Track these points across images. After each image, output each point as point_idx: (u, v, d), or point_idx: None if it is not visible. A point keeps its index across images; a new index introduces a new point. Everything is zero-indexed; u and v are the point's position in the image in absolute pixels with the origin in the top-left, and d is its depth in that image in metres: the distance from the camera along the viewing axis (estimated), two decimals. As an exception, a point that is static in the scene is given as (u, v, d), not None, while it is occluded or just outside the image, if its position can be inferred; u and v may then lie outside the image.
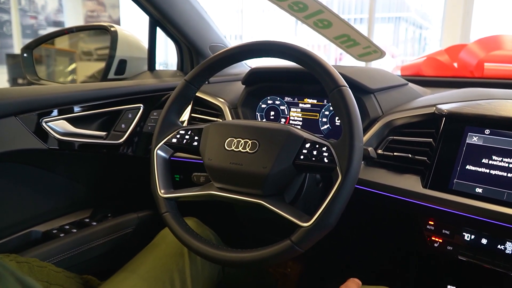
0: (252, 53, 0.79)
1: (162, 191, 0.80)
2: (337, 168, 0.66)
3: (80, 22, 6.00)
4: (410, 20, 10.38)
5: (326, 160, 0.68)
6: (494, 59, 1.37)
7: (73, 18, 6.02)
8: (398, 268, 0.96)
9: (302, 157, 0.70)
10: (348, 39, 1.25)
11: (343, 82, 0.70)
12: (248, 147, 0.74)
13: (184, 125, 1.13)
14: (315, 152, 0.69)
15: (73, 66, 1.57)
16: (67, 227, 1.01)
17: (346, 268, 0.95)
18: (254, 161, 0.72)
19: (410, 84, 1.07)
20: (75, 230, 0.99)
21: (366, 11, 5.30)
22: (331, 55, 7.92)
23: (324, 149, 0.69)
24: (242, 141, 0.75)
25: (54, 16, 5.95)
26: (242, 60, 0.83)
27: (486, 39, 1.47)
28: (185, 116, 1.15)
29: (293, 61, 0.75)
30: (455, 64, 1.52)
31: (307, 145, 0.71)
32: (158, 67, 1.32)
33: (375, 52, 1.30)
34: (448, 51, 1.60)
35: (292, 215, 0.68)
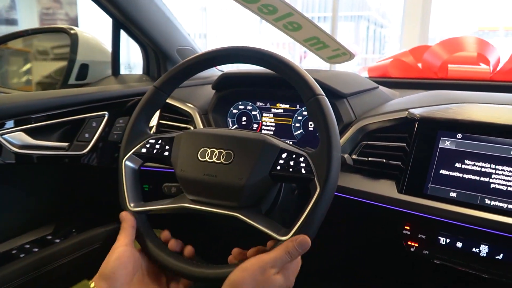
0: (226, 59, 0.76)
1: (132, 204, 0.76)
2: (315, 179, 0.65)
3: (34, 19, 5.72)
4: (370, 19, 10.64)
5: (303, 171, 0.66)
6: (457, 60, 1.40)
7: (27, 16, 5.73)
8: (376, 273, 0.96)
9: (279, 167, 0.68)
10: (318, 41, 1.24)
11: (320, 90, 0.68)
12: (222, 158, 0.71)
13: (153, 130, 1.09)
14: (292, 163, 0.68)
15: (28, 66, 1.49)
16: (28, 246, 0.94)
17: (324, 276, 0.94)
18: (229, 172, 0.70)
19: (380, 87, 1.07)
20: (36, 249, 0.92)
21: (329, 9, 5.36)
22: (296, 53, 7.98)
23: (301, 159, 0.68)
24: (216, 151, 0.72)
25: (6, 14, 5.62)
26: (216, 66, 0.81)
27: (449, 41, 1.50)
28: (152, 122, 1.11)
29: (269, 68, 0.74)
30: (420, 65, 1.55)
31: (284, 155, 0.69)
32: (122, 71, 1.27)
33: (344, 55, 1.30)
34: (412, 52, 1.62)
35: (269, 228, 0.66)
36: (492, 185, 0.70)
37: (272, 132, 1.03)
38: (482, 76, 1.28)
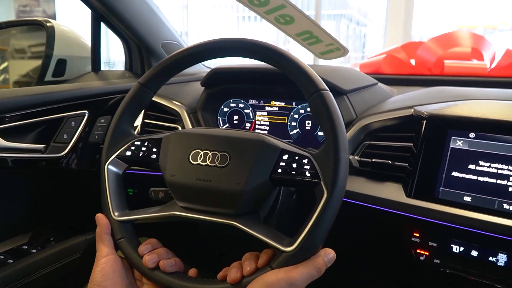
0: (218, 52, 0.69)
1: (116, 214, 0.69)
2: (322, 183, 0.59)
3: (11, 17, 5.57)
4: (351, 17, 10.73)
5: (308, 174, 0.60)
6: (453, 56, 1.37)
7: (3, 14, 5.61)
8: (382, 283, 0.91)
9: (280, 170, 0.62)
10: (311, 36, 1.18)
11: (323, 85, 0.62)
12: (217, 161, 0.64)
13: (137, 130, 1.02)
14: (294, 165, 0.61)
15: (4, 64, 1.42)
16: (2, 257, 0.85)
17: (327, 285, 0.88)
18: (224, 177, 0.63)
19: (379, 83, 1.02)
20: (11, 261, 0.84)
21: (312, 8, 5.34)
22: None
23: (305, 161, 0.61)
24: (210, 153, 0.65)
25: (-18, 11, 5.50)
26: (206, 60, 0.74)
27: (443, 36, 1.46)
28: (136, 122, 1.03)
29: (264, 61, 0.67)
30: (412, 61, 1.51)
31: (285, 157, 0.63)
32: (103, 67, 1.18)
33: (338, 50, 1.24)
34: (404, 48, 1.59)
35: (271, 238, 0.59)
36: (510, 189, 0.65)
37: (266, 132, 0.97)
38: (479, 72, 1.24)
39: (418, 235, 0.72)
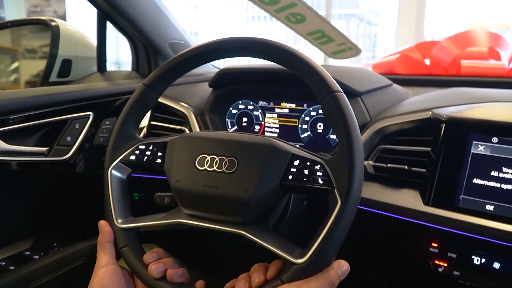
0: (226, 52, 0.66)
1: (119, 221, 0.66)
2: (335, 190, 0.55)
3: (22, 17, 5.62)
4: (362, 17, 10.66)
5: (320, 181, 0.57)
6: (470, 55, 1.32)
7: (14, 14, 5.63)
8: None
9: (290, 177, 0.59)
10: (323, 35, 1.15)
11: (337, 87, 0.59)
12: (224, 166, 0.61)
13: (143, 133, 0.99)
14: (306, 171, 0.58)
15: (15, 65, 1.40)
16: (3, 263, 0.83)
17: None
18: (232, 183, 0.60)
19: (394, 84, 0.98)
20: (13, 267, 0.81)
21: (323, 7, 5.29)
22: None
23: (317, 167, 0.58)
24: (217, 158, 0.62)
25: (-6, 12, 5.55)
26: (214, 60, 0.71)
27: (458, 35, 1.42)
28: (143, 123, 1.00)
29: (274, 61, 0.64)
30: (427, 61, 1.46)
31: (296, 162, 0.59)
32: (109, 67, 1.16)
33: (350, 49, 1.20)
34: (418, 47, 1.54)
35: (281, 249, 0.56)
36: (537, 197, 0.61)
37: (276, 135, 0.93)
38: (498, 72, 1.19)
39: (436, 245, 0.68)
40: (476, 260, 0.65)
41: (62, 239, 0.93)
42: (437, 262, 0.69)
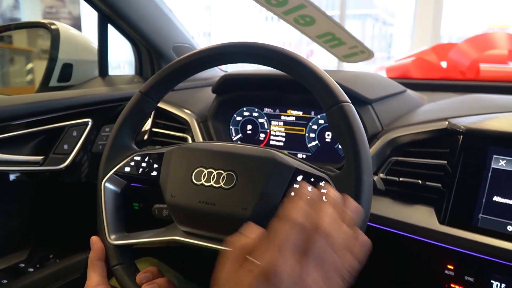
0: (228, 58, 0.62)
1: (112, 237, 0.62)
2: None
3: (38, 18, 5.69)
4: (377, 17, 10.55)
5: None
6: (489, 59, 1.26)
7: (30, 15, 5.72)
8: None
9: (293, 194, 0.54)
10: (333, 38, 1.10)
11: (344, 97, 0.54)
12: (222, 181, 0.57)
13: (145, 138, 0.95)
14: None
15: (30, 65, 1.40)
16: (-3, 276, 0.81)
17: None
18: (230, 200, 0.56)
19: (408, 90, 0.92)
20: (6, 281, 0.79)
21: (337, 7, 5.22)
22: (302, 51, 7.84)
23: (322, 183, 0.53)
24: (215, 172, 0.58)
25: (10, 13, 5.63)
26: (215, 66, 0.66)
27: (477, 38, 1.35)
28: (145, 128, 0.97)
29: (280, 69, 0.59)
30: (443, 64, 1.40)
31: (299, 178, 0.55)
32: (112, 71, 1.13)
33: (363, 53, 1.15)
34: (435, 50, 1.48)
35: None
36: None
37: (282, 144, 0.89)
38: (519, 77, 1.13)
39: (452, 267, 0.63)
40: (496, 285, 0.60)
41: (59, 251, 0.90)
42: (452, 285, 0.63)
